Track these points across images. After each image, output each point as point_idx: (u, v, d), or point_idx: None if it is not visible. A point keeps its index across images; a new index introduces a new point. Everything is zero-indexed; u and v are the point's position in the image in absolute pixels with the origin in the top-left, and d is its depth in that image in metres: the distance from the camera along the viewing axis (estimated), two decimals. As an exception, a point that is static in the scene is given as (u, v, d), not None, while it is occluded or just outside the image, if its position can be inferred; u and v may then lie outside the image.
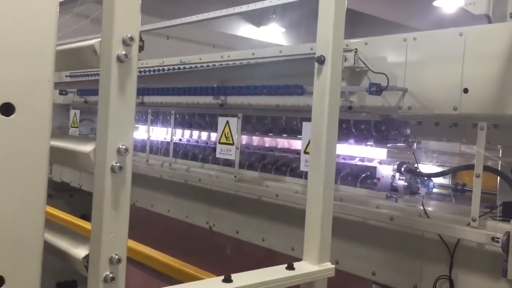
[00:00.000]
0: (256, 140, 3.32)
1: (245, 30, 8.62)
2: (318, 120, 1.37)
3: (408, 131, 2.54)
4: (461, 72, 2.04)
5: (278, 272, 1.27)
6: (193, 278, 1.61)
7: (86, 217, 5.23)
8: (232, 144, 2.92)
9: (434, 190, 2.66)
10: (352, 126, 2.62)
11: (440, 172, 2.34)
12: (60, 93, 4.67)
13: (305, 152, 2.52)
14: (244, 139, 3.34)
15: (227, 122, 2.94)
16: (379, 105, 2.32)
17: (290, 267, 1.30)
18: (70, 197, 5.20)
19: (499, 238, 1.80)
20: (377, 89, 2.17)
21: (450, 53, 2.09)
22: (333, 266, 1.42)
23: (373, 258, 2.34)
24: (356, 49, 2.40)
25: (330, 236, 1.50)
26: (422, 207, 2.16)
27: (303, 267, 1.33)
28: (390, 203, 2.33)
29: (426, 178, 2.46)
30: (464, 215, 2.04)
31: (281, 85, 2.60)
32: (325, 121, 1.33)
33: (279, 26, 8.49)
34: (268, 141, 3.29)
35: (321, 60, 1.32)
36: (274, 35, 8.49)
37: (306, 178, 2.74)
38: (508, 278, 1.79)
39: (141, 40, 4.47)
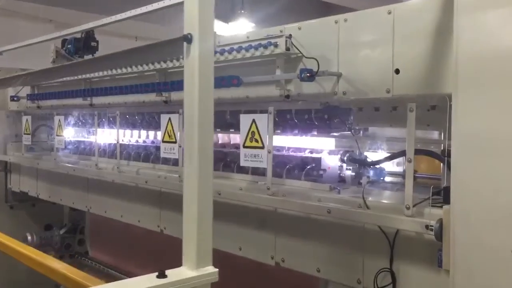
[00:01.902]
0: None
1: (214, 26, 8.48)
2: (189, 107, 1.23)
3: (352, 118, 2.42)
4: (392, 52, 1.93)
5: (146, 281, 1.13)
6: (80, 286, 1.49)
7: (51, 226, 5.08)
8: (175, 142, 2.79)
9: (388, 178, 2.54)
10: (294, 117, 2.50)
11: (382, 159, 2.22)
12: (12, 99, 4.51)
13: (245, 146, 2.40)
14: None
15: (169, 119, 2.81)
16: (315, 92, 2.20)
17: (162, 275, 1.17)
18: (33, 207, 5.03)
19: (433, 226, 1.68)
20: (308, 75, 2.05)
21: (380, 32, 1.97)
22: (216, 270, 1.28)
23: (317, 254, 2.22)
24: (290, 34, 2.27)
25: (211, 237, 1.36)
26: (363, 198, 2.04)
27: (178, 274, 1.19)
28: (333, 195, 2.21)
29: (371, 166, 2.34)
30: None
31: (216, 77, 2.47)
32: (195, 107, 1.19)
33: (249, 22, 8.36)
34: (218, 138, 3.15)
35: (188, 39, 1.18)
36: (243, 31, 8.28)
37: (252, 174, 2.65)
38: (444, 268, 1.67)
39: (94, 40, 4.26)
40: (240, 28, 8.26)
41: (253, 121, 2.32)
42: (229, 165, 2.88)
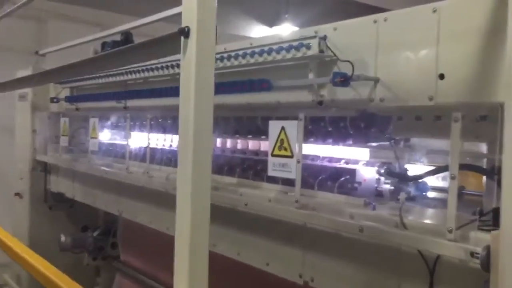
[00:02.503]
0: (235, 143, 3.04)
1: (258, 31, 8.37)
2: (184, 108, 1.07)
3: (390, 127, 2.21)
4: (436, 55, 1.72)
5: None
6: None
7: (88, 228, 5.09)
8: (203, 148, 2.66)
9: (433, 194, 2.32)
10: (328, 124, 2.33)
11: (423, 173, 2.01)
12: (52, 101, 4.56)
13: (273, 155, 2.24)
14: (225, 143, 3.08)
15: (198, 124, 2.68)
16: (350, 98, 2.02)
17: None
18: (70, 208, 5.06)
19: (478, 254, 1.46)
20: (341, 79, 1.87)
21: (424, 33, 1.77)
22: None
23: (349, 275, 2.03)
24: (324, 35, 2.10)
25: (207, 262, 1.19)
26: (401, 216, 1.84)
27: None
28: (367, 212, 2.01)
29: (410, 181, 2.13)
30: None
31: (245, 80, 2.34)
32: (191, 108, 1.03)
33: (292, 26, 8.21)
34: (248, 144, 3.01)
35: (185, 33, 1.03)
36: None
37: (284, 183, 2.49)
38: (491, 303, 1.45)
39: (133, 42, 4.25)
40: (284, 32, 8.13)
41: (282, 128, 2.16)
42: (260, 173, 2.73)
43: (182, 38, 1.04)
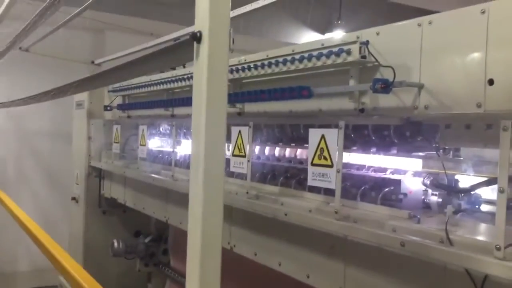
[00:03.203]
0: (279, 151, 2.99)
1: (309, 38, 8.31)
2: (197, 117, 1.03)
3: (438, 136, 2.09)
4: (485, 59, 1.60)
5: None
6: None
7: (140, 233, 5.20)
8: (244, 156, 2.64)
9: (487, 208, 2.17)
10: (371, 133, 2.23)
11: (469, 186, 1.88)
12: (105, 109, 4.70)
13: (313, 164, 2.18)
14: (268, 150, 3.04)
15: (239, 132, 2.67)
16: (393, 106, 1.92)
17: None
18: (123, 213, 5.19)
19: (530, 276, 1.33)
20: (381, 86, 1.79)
21: (471, 36, 1.66)
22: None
23: (390, 291, 1.93)
24: (367, 41, 2.03)
25: (219, 275, 1.13)
26: (446, 231, 1.72)
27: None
28: (411, 225, 1.90)
29: (460, 193, 2.00)
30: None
31: (285, 88, 2.29)
32: (203, 116, 0.99)
33: (344, 32, 8.09)
34: (291, 153, 2.95)
35: (197, 38, 1.00)
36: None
37: (325, 194, 2.41)
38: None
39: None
40: (325, 37, 8.01)
41: (322, 136, 2.10)
42: (302, 182, 2.67)
43: (195, 43, 1.01)
